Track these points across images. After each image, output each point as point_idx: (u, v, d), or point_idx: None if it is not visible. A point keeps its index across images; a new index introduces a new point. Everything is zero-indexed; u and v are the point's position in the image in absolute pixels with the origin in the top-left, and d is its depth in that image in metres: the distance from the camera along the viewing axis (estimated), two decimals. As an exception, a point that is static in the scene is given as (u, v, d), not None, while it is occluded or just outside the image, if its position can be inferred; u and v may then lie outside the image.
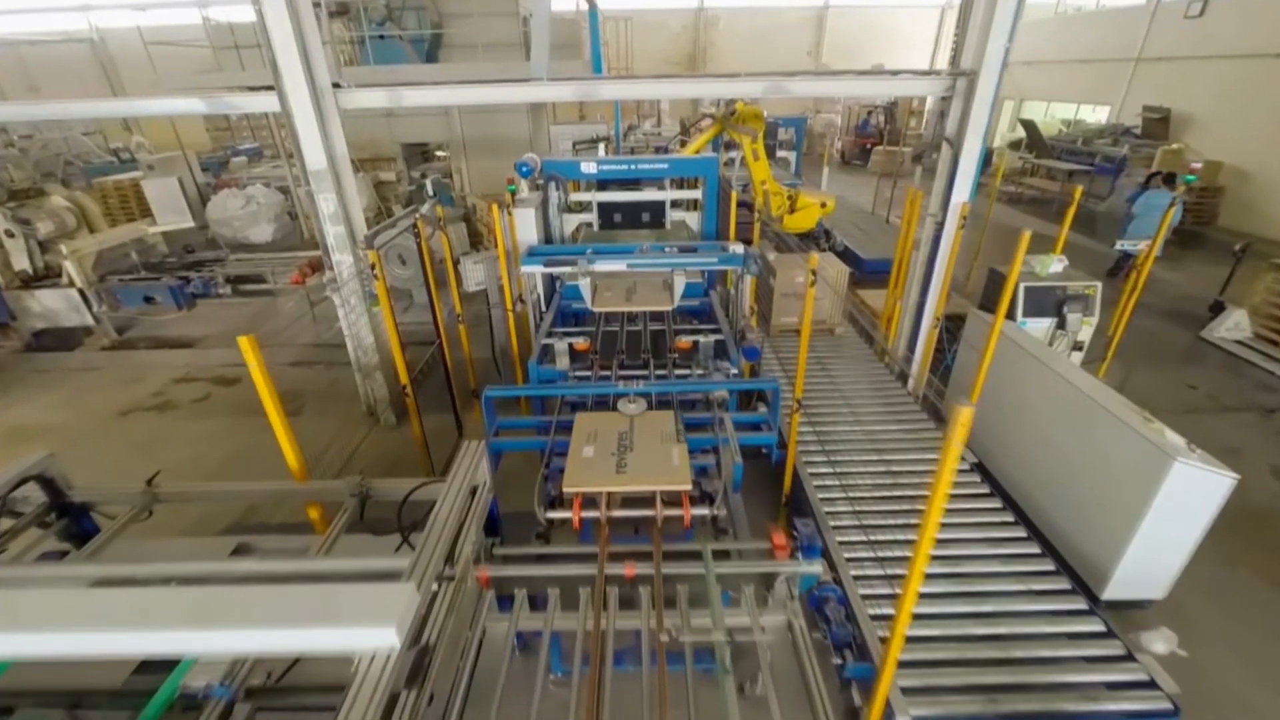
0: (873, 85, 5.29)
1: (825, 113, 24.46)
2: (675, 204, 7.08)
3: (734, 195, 6.31)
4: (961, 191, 5.39)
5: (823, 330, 7.34)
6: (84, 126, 23.18)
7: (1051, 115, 19.78)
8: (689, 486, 3.19)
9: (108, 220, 12.77)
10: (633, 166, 6.54)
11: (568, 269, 5.12)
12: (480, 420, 7.06)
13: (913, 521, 4.28)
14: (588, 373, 4.66)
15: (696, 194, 6.89)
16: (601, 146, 7.72)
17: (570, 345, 4.77)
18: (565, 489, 3.20)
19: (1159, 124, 15.51)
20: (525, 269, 5.13)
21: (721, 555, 2.94)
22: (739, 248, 5.07)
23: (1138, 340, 7.73)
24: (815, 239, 10.23)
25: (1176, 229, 9.97)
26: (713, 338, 4.76)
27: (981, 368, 4.92)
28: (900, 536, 4.14)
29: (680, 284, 5.10)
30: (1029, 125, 16.68)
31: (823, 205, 9.19)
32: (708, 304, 6.01)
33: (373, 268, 4.30)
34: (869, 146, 23.78)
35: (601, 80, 5.40)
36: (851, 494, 4.61)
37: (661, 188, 7.00)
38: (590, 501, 3.27)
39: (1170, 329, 8.52)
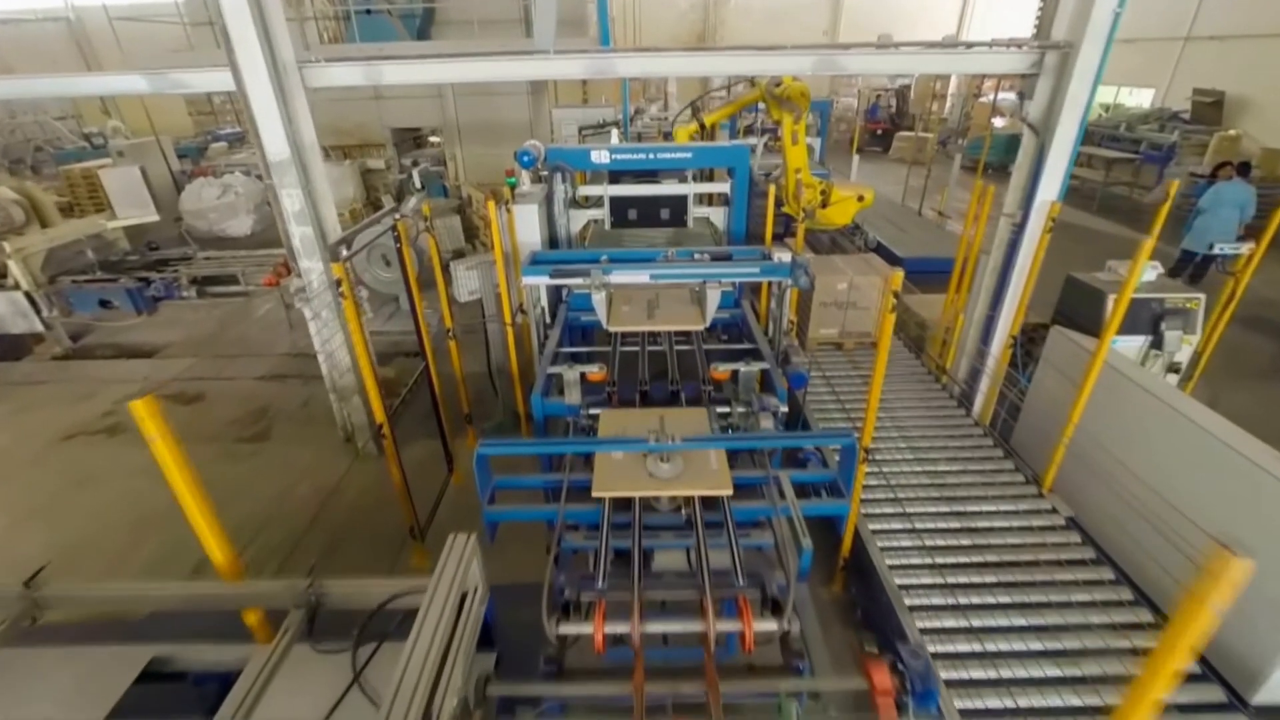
0: (942, 60, 4.51)
1: (845, 95, 23.62)
2: (698, 198, 6.33)
3: (771, 190, 5.54)
4: (1049, 188, 4.62)
5: (866, 344, 6.58)
6: (59, 110, 22.46)
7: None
8: (730, 491, 2.91)
9: (76, 212, 12.05)
10: (652, 156, 5.77)
11: (578, 280, 4.36)
12: (474, 444, 6.34)
13: (1009, 601, 3.55)
14: (605, 410, 3.91)
15: (724, 188, 6.13)
16: (614, 132, 6.96)
17: (581, 375, 4.01)
18: (595, 494, 2.95)
19: (1211, 108, 14.67)
20: (528, 280, 4.37)
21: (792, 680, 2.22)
22: (785, 255, 4.30)
23: (1218, 351, 6.98)
24: (849, 235, 9.45)
25: (1246, 225, 9.16)
26: (756, 366, 3.99)
27: (1077, 403, 4.16)
28: (1003, 622, 3.40)
29: (714, 299, 4.34)
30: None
31: (860, 198, 8.39)
32: (739, 316, 5.26)
33: (339, 284, 3.55)
34: (879, 132, 23.00)
35: (617, 54, 4.63)
36: (930, 557, 3.87)
37: (683, 180, 6.24)
38: (619, 608, 2.52)
39: (1253, 339, 7.75)
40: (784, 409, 3.84)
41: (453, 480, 5.42)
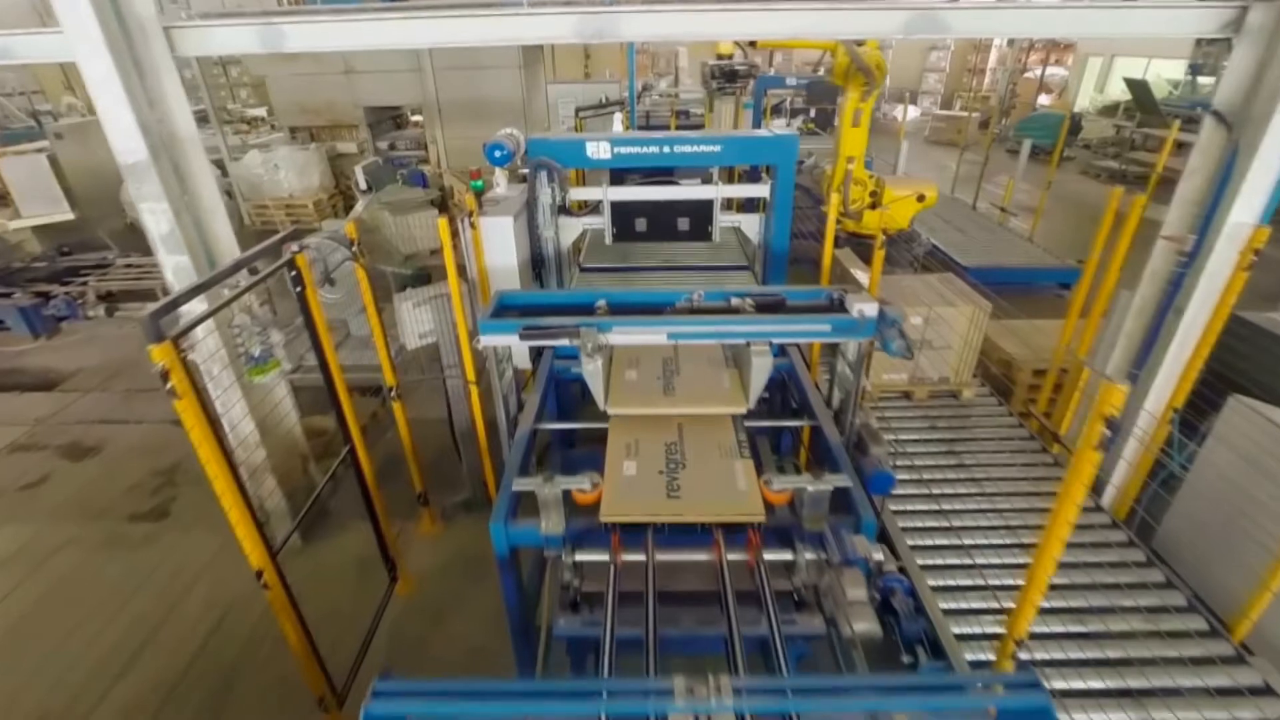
0: (1086, 19, 3.20)
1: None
2: (725, 202, 5.06)
3: (834, 201, 4.25)
4: (1248, 206, 3.30)
5: (942, 393, 5.29)
6: (16, 84, 21.17)
7: (1155, 75, 17.39)
8: (762, 518, 2.56)
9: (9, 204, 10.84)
10: (666, 149, 4.48)
11: (562, 341, 3.08)
12: (431, 529, 5.08)
13: None
14: (601, 556, 2.64)
15: (762, 190, 4.84)
16: (617, 118, 5.66)
17: (566, 494, 2.73)
18: (604, 518, 2.59)
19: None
20: (486, 341, 3.09)
21: None
22: (869, 306, 3.01)
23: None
24: (905, 241, 8.09)
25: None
26: (828, 484, 2.70)
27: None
28: None
29: (762, 370, 3.06)
30: (1139, 86, 14.36)
31: (920, 198, 7.08)
32: (785, 368, 3.99)
33: (165, 376, 2.29)
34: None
35: (620, 9, 3.32)
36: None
37: (707, 180, 4.97)
38: None
39: None
40: (879, 557, 2.57)
41: (397, 590, 4.17)
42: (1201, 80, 15.10)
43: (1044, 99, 21.65)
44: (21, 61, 3.49)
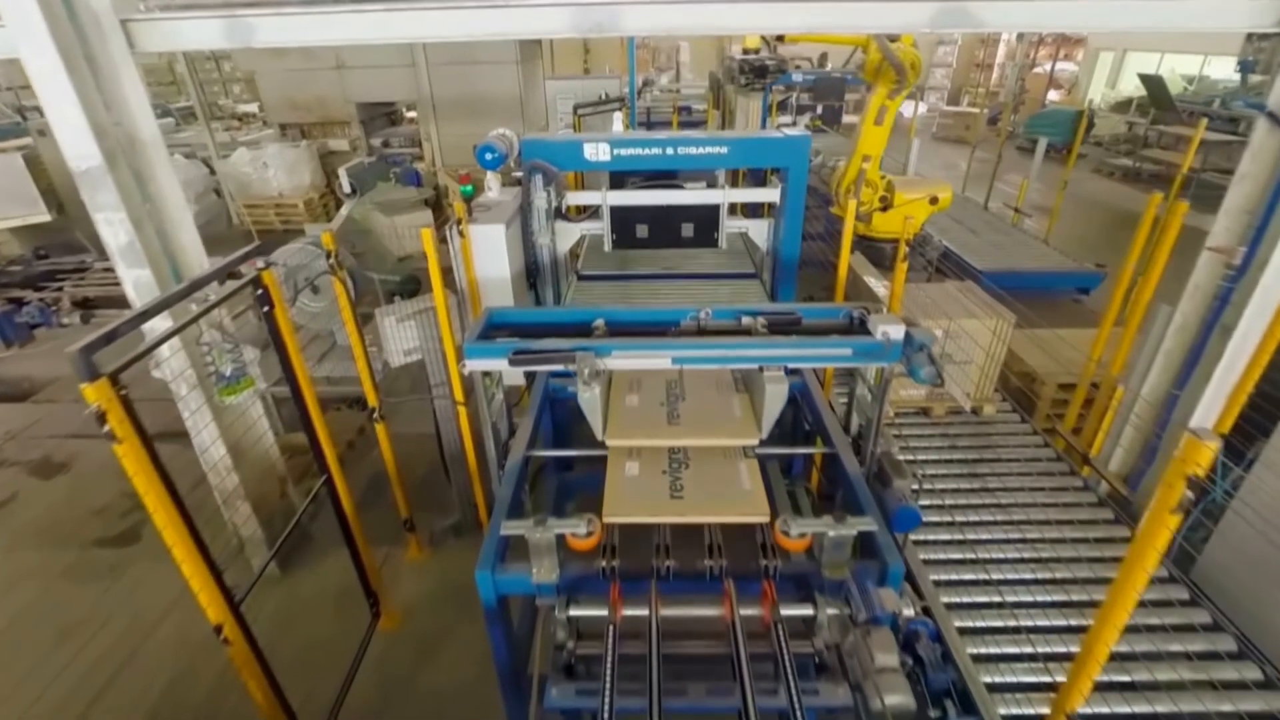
0: (1127, 10, 2.91)
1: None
2: (732, 207, 4.80)
3: (850, 207, 3.98)
4: (1308, 216, 3.05)
5: (962, 410, 5.03)
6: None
7: (1169, 69, 17.12)
8: (768, 518, 2.46)
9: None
10: (670, 151, 4.22)
11: (556, 366, 2.82)
12: (418, 555, 4.82)
13: None
14: (599, 610, 2.37)
15: (772, 195, 4.58)
16: (617, 118, 5.40)
17: (561, 538, 2.47)
18: (606, 519, 2.46)
19: (1327, 81, 12.91)
20: (473, 364, 2.83)
21: None
22: (895, 328, 2.75)
23: None
24: (917, 244, 7.83)
25: None
26: (851, 527, 2.44)
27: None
28: None
29: (778, 397, 2.80)
30: (1154, 82, 14.06)
31: (932, 200, 6.82)
32: (798, 387, 3.73)
33: (101, 418, 2.03)
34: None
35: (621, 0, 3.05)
36: None
37: (713, 184, 4.71)
38: None
39: None
40: (909, 612, 2.33)
41: (380, 626, 3.92)
42: (1254, 78, 14.65)
43: (1053, 95, 21.37)
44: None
